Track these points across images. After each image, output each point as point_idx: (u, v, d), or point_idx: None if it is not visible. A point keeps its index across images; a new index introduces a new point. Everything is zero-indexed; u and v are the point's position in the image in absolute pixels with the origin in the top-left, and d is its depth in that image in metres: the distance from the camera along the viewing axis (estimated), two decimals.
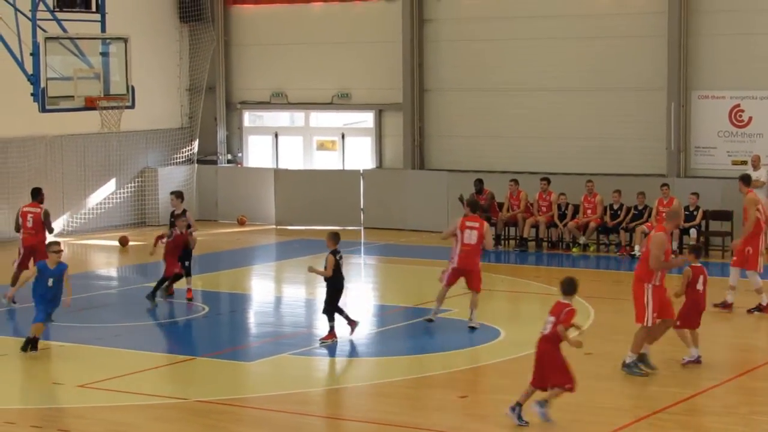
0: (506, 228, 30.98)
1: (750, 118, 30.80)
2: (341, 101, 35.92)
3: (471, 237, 20.59)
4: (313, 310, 23.66)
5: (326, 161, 36.55)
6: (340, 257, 19.82)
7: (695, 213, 29.13)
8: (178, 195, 24.67)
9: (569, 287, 15.14)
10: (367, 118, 35.86)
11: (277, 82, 36.69)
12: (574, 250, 30.04)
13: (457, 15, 34.04)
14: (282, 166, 36.62)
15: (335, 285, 19.70)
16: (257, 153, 37.58)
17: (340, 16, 35.51)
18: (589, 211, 30.19)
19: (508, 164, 32.57)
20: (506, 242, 30.87)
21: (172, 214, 24.26)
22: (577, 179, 30.90)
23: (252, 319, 23.27)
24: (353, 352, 19.66)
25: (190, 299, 23.47)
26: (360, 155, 35.98)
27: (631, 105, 31.87)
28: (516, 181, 31.08)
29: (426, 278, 26.42)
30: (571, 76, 32.58)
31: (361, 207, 34.74)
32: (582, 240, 30.11)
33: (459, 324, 21.18)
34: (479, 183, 31.13)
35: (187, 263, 23.62)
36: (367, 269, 29.49)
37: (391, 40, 34.48)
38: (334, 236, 19.93)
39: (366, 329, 21.64)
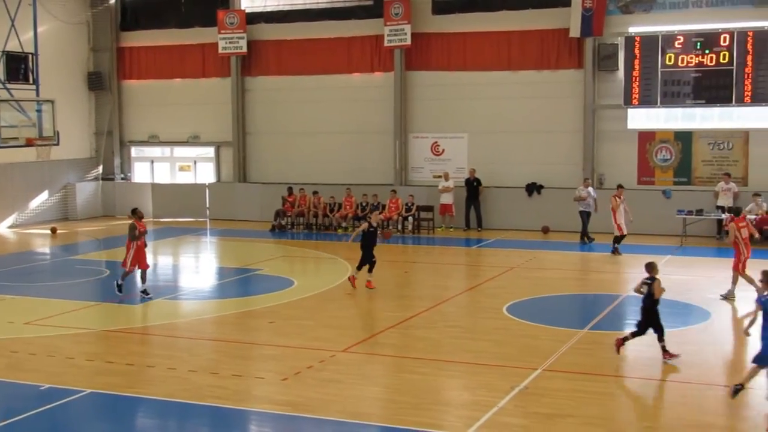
0: (297, 217, 30.96)
1: (443, 150, 31.47)
2: (194, 140, 35.31)
3: None
4: (177, 271, 23.23)
5: (184, 178, 35.84)
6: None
7: (412, 207, 29.61)
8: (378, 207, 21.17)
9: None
10: (210, 151, 35.27)
11: (153, 129, 35.85)
12: (339, 230, 30.11)
13: (266, 87, 33.84)
14: (156, 181, 35.75)
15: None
16: (140, 173, 36.61)
17: (193, 87, 34.90)
18: (348, 206, 30.40)
19: (299, 179, 32.48)
20: (297, 227, 30.84)
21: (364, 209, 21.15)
22: (341, 187, 31.07)
23: (138, 278, 22.68)
24: (203, 296, 19.35)
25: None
26: (206, 174, 35.37)
27: (373, 142, 32.18)
28: (303, 189, 31.05)
29: (248, 249, 26.24)
30: (337, 124, 32.74)
31: (207, 206, 34.22)
32: (344, 224, 30.27)
33: (268, 278, 21.09)
34: (290, 189, 31.07)
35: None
36: (211, 245, 29.06)
37: (225, 102, 34.07)
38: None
39: (211, 282, 21.34)
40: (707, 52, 27.51)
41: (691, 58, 27.72)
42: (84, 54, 35.69)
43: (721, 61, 27.36)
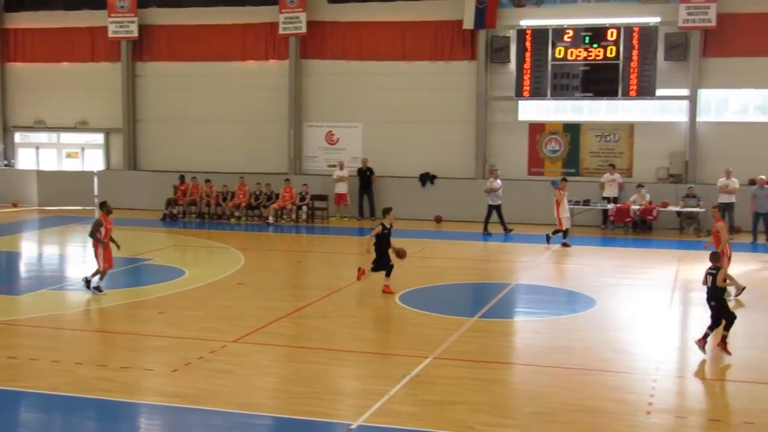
0: (189, 206, 30.50)
1: (338, 139, 31.51)
2: (82, 126, 34.47)
3: None
4: (64, 260, 22.60)
5: (72, 165, 34.98)
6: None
7: (306, 196, 29.53)
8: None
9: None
10: (99, 138, 34.51)
11: (39, 114, 34.85)
12: (232, 219, 29.82)
13: (158, 73, 33.30)
14: (42, 168, 34.72)
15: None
16: (25, 160, 35.57)
17: (82, 72, 34.04)
18: (241, 195, 30.13)
19: (192, 167, 32.04)
20: (189, 216, 30.39)
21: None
22: (234, 176, 30.78)
23: (22, 267, 21.97)
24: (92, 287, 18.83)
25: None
26: (95, 161, 34.61)
27: (267, 130, 32.02)
28: (195, 178, 30.64)
29: (138, 238, 25.68)
30: (231, 112, 32.50)
31: (96, 194, 33.40)
32: (237, 213, 29.99)
33: (159, 268, 20.72)
34: (182, 177, 30.72)
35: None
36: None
37: (115, 87, 33.42)
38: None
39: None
40: (595, 46, 28.25)
41: (580, 51, 28.41)
42: None
43: (609, 55, 28.13)
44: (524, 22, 29.21)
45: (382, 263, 17.68)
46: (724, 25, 27.26)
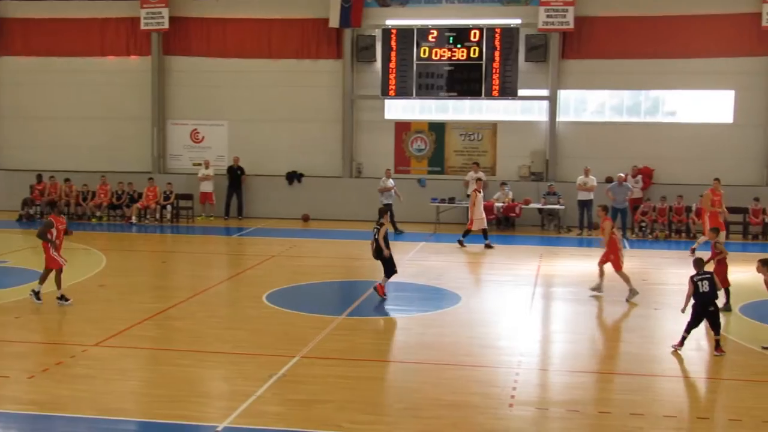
0: (47, 206, 29.49)
1: (203, 138, 31.09)
2: None
3: None
4: None
5: None
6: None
7: (170, 195, 29.02)
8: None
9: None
10: None
11: None
12: (93, 220, 28.99)
13: (12, 68, 32.20)
14: None
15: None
16: None
17: None
18: (102, 195, 29.33)
19: (50, 166, 30.98)
20: (47, 216, 29.30)
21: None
22: (95, 175, 29.95)
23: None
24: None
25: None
26: None
27: (129, 128, 31.28)
28: (54, 177, 29.68)
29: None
30: (91, 109, 31.63)
31: None
32: (98, 213, 29.17)
33: (14, 270, 19.92)
34: (39, 177, 29.80)
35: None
36: None
37: None
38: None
39: None
40: (459, 46, 28.79)
41: (444, 52, 28.89)
42: None
43: (472, 55, 28.71)
44: (390, 22, 29.50)
45: (393, 263, 17.16)
46: (581, 28, 28.24)
